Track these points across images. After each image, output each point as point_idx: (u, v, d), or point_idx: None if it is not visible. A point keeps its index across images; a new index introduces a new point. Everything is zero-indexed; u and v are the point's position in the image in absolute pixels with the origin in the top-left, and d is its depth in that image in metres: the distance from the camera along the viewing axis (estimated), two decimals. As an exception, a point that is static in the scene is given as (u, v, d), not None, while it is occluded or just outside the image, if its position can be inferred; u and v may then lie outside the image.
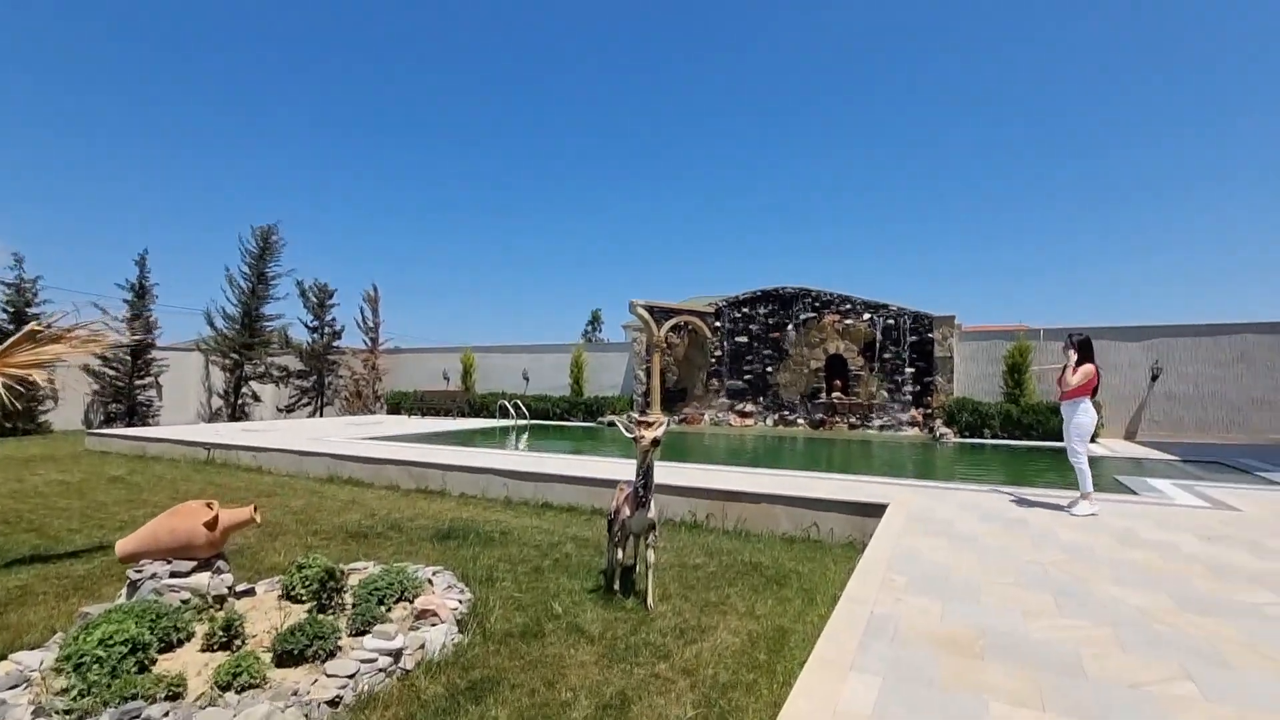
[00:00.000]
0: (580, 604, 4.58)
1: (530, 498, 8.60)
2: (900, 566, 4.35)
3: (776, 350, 18.05)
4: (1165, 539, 5.12)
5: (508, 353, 22.85)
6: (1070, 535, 5.25)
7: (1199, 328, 14.41)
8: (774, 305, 18.14)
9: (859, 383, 16.95)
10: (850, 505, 6.71)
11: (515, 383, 22.24)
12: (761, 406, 18.16)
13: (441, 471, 9.40)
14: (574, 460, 10.31)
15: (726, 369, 18.67)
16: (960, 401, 15.29)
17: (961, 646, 3.02)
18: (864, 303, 17.05)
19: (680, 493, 7.63)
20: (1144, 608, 3.54)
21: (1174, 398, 14.47)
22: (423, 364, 24.33)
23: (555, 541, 6.46)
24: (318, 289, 23.50)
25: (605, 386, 20.91)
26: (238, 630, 3.52)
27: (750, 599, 4.77)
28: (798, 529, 6.90)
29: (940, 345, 16.13)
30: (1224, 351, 14.07)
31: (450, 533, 6.67)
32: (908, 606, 3.57)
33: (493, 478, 8.97)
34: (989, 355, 16.17)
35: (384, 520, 7.24)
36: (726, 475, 8.31)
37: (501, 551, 6.04)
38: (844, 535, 6.65)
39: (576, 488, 8.33)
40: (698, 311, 18.67)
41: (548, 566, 5.56)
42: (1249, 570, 4.27)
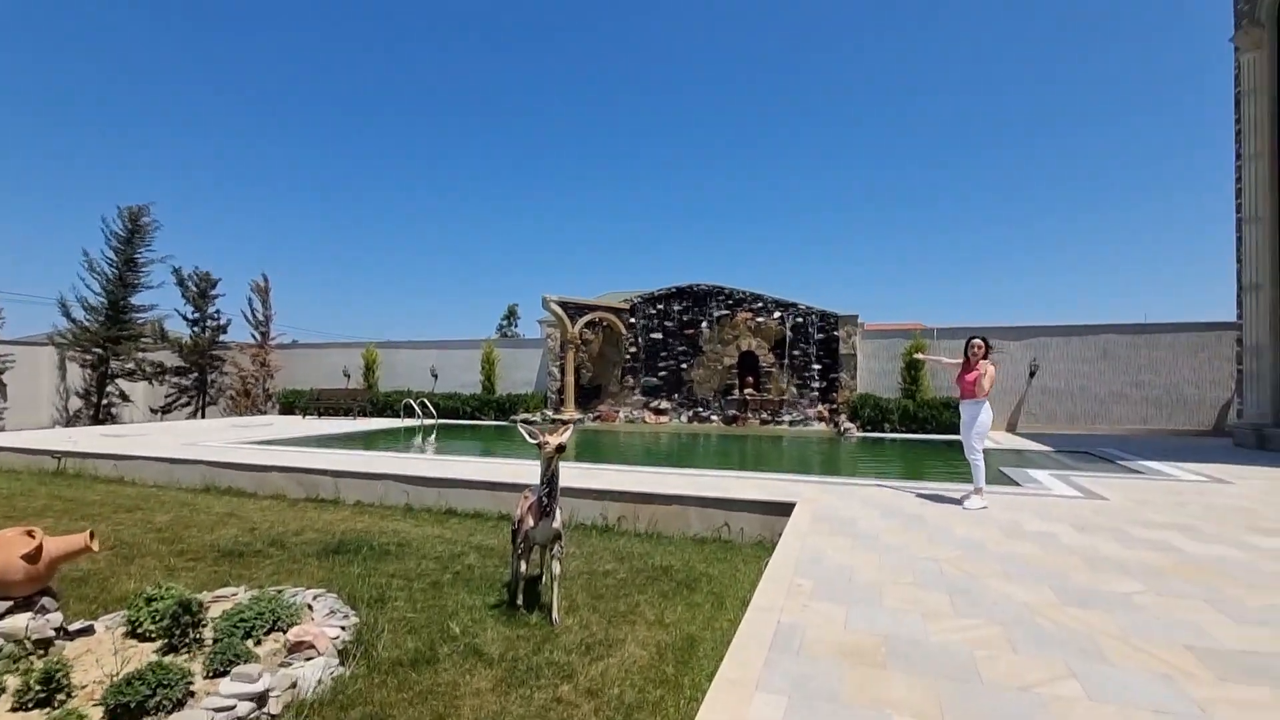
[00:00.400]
0: (480, 622, 4.29)
1: (433, 504, 8.14)
2: (806, 569, 4.35)
3: (691, 347, 18.20)
4: (1046, 530, 5.44)
5: (415, 348, 21.79)
6: (963, 530, 5.48)
7: (1069, 328, 15.77)
8: (688, 302, 18.27)
9: (770, 379, 17.38)
10: (760, 505, 6.76)
11: (423, 380, 21.25)
12: (676, 403, 18.26)
13: (334, 478, 8.74)
14: (482, 463, 9.87)
15: (642, 366, 18.64)
16: (863, 398, 16.00)
17: (865, 655, 3.00)
18: (775, 301, 17.48)
19: (591, 495, 7.44)
20: (1030, 603, 3.68)
21: (1048, 392, 15.77)
22: (321, 360, 22.79)
23: (457, 552, 6.10)
24: (198, 278, 21.47)
25: (519, 384, 20.37)
26: (60, 682, 2.99)
27: (660, 606, 4.64)
28: (709, 529, 6.88)
29: (845, 343, 16.79)
30: (1090, 350, 15.48)
31: (340, 547, 6.16)
32: (813, 614, 3.54)
33: (392, 484, 8.43)
34: (889, 353, 17.01)
35: (265, 535, 6.59)
36: (639, 476, 8.19)
37: (397, 566, 5.62)
38: (754, 534, 6.68)
39: (483, 492, 7.96)
40: (613, 308, 18.51)
41: (447, 581, 5.21)
42: (1117, 559, 4.58)
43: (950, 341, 16.57)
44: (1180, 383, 14.79)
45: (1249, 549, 4.87)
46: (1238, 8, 12.44)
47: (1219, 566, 4.40)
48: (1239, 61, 12.23)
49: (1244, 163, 11.99)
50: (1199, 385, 14.67)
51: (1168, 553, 4.75)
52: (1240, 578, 4.17)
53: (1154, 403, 14.94)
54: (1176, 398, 14.80)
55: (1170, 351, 14.87)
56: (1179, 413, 14.78)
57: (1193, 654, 3.01)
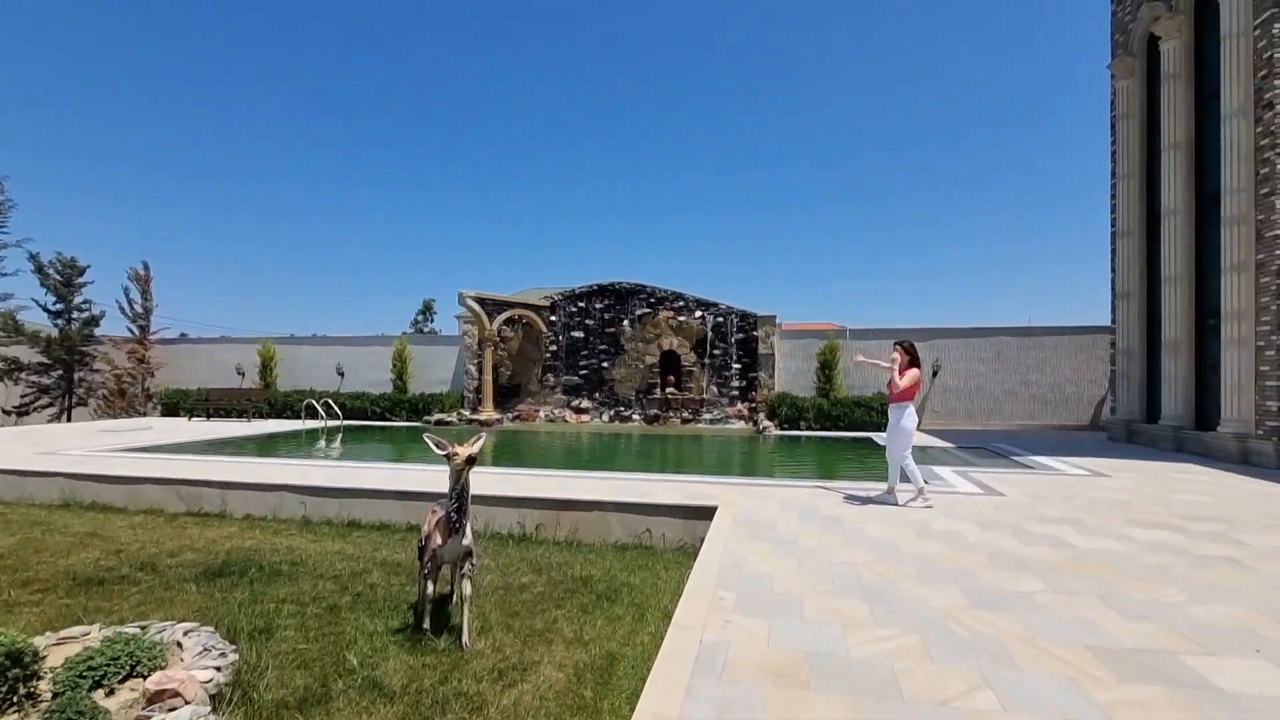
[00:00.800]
0: (382, 650, 3.93)
1: (334, 516, 7.55)
2: (728, 580, 4.26)
3: (613, 345, 18.03)
4: (953, 529, 5.64)
5: (318, 345, 20.44)
6: (876, 530, 5.59)
7: (967, 330, 16.80)
8: (610, 300, 18.09)
9: (691, 378, 17.49)
10: (681, 509, 6.67)
11: (327, 379, 19.97)
12: (597, 402, 18.05)
13: (221, 490, 7.96)
14: (390, 469, 9.28)
15: (562, 364, 18.30)
16: (780, 396, 16.39)
17: (788, 675, 2.92)
18: (696, 300, 17.60)
19: (508, 503, 7.12)
20: (943, 607, 3.74)
21: (949, 390, 16.74)
22: (211, 357, 20.95)
23: (359, 570, 5.65)
24: (61, 265, 19.16)
25: (433, 382, 19.51)
26: None
27: (579, 621, 4.44)
28: (631, 535, 6.73)
29: (764, 343, 17.14)
30: (986, 350, 16.55)
31: (224, 569, 5.56)
32: (736, 629, 3.44)
33: (287, 495, 7.76)
34: (805, 353, 17.52)
35: (133, 558, 5.86)
36: (559, 481, 7.93)
37: (289, 589, 5.12)
38: (676, 539, 6.59)
39: (391, 502, 7.46)
40: (532, 305, 18.05)
41: (347, 604, 4.78)
42: (1018, 556, 4.78)
43: (861, 342, 17.27)
44: (1062, 382, 16.08)
45: (1129, 541, 5.22)
46: (1114, 38, 13.59)
47: (1106, 560, 4.68)
48: (1114, 88, 13.37)
49: (1118, 181, 13.13)
50: (1078, 384, 16.00)
51: (1061, 548, 5.01)
52: (1124, 570, 4.43)
53: (1040, 400, 16.17)
54: (1059, 395, 16.09)
55: (1054, 353, 16.14)
56: (1061, 409, 16.06)
57: (1092, 654, 3.12)
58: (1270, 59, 9.28)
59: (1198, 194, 11.21)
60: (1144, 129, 12.71)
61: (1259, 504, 6.79)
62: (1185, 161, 11.26)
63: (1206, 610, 3.70)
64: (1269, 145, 9.35)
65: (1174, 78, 11.41)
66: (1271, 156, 9.30)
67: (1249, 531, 5.57)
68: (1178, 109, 11.33)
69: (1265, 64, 9.39)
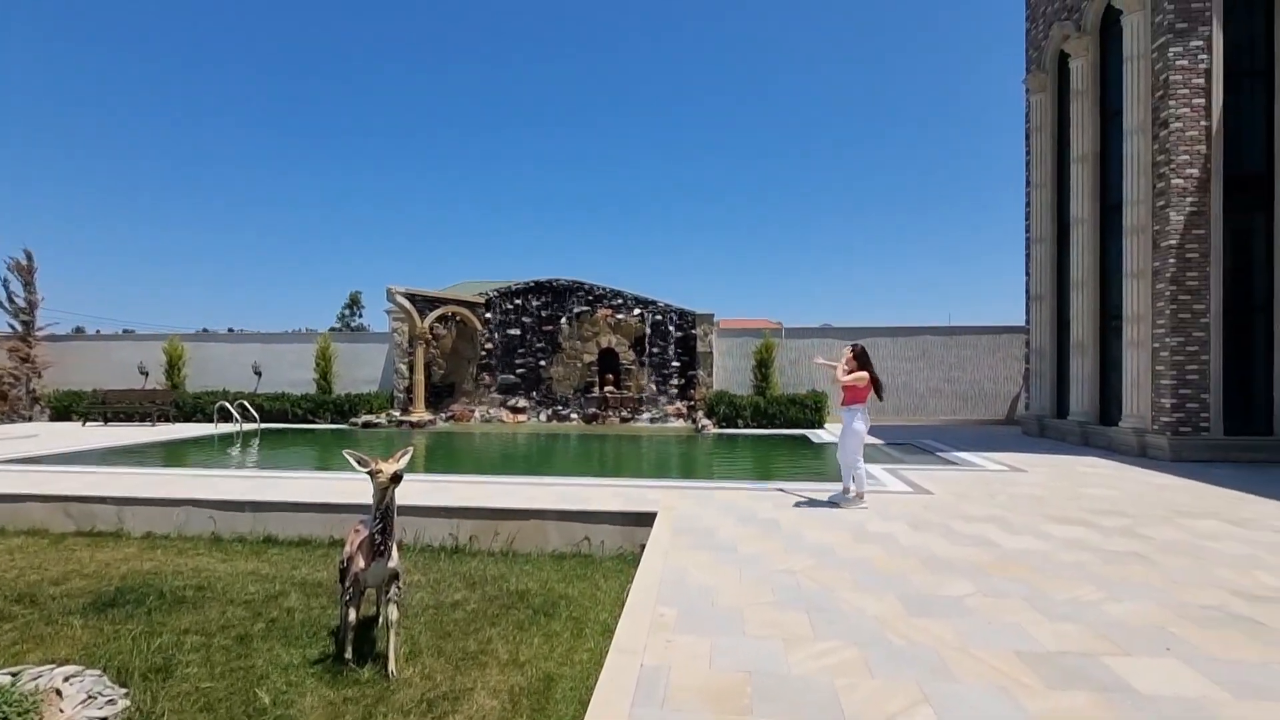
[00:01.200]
0: (299, 684, 3.63)
1: (247, 532, 7.03)
2: (669, 594, 4.17)
3: (550, 344, 17.72)
4: (887, 530, 5.76)
5: (233, 342, 19.15)
6: (814, 535, 5.64)
7: (894, 329, 17.44)
8: (547, 297, 17.76)
9: (630, 377, 17.41)
10: (621, 516, 6.56)
11: (244, 379, 18.75)
12: (535, 402, 17.71)
13: (117, 506, 7.27)
14: (312, 478, 8.74)
15: (499, 363, 17.85)
16: (719, 395, 16.53)
17: (730, 698, 2.84)
18: (635, 298, 17.51)
19: (441, 513, 6.81)
20: (881, 616, 3.77)
21: (877, 388, 17.32)
22: (109, 355, 19.29)
23: (275, 593, 5.25)
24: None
25: (361, 382, 18.64)
26: None
27: (515, 640, 4.25)
28: (569, 544, 6.56)
29: (702, 341, 17.25)
30: (912, 349, 17.23)
31: (117, 598, 5.06)
32: (677, 650, 3.34)
33: (194, 509, 7.17)
34: (742, 351, 17.75)
35: (8, 589, 5.25)
36: (493, 489, 7.66)
37: (194, 618, 4.69)
38: (615, 546, 6.47)
39: (312, 515, 7.00)
40: (467, 301, 17.50)
41: (259, 632, 4.42)
42: (947, 558, 4.91)
43: (797, 341, 17.66)
44: (982, 379, 16.94)
45: (1048, 539, 5.47)
46: (1029, 55, 14.35)
47: (1029, 560, 4.87)
48: (1029, 102, 14.13)
49: (1032, 190, 13.90)
50: (996, 381, 16.90)
51: (987, 548, 5.19)
52: (1046, 570, 4.62)
53: (961, 396, 16.99)
54: (979, 392, 16.95)
55: (974, 351, 16.98)
56: (981, 405, 16.93)
57: (1021, 660, 3.20)
58: (1166, 80, 10.00)
59: (1102, 204, 12.00)
60: (1055, 141, 13.49)
61: (1157, 496, 7.29)
62: (1092, 173, 12.02)
63: (1121, 609, 3.88)
64: (1164, 161, 10.08)
65: (1082, 94, 12.14)
66: (1166, 171, 10.03)
67: (1151, 525, 5.94)
68: (1085, 124, 12.08)
69: (1162, 85, 10.11)
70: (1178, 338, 9.91)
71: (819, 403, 15.92)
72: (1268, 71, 10.07)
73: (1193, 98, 9.87)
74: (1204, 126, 9.88)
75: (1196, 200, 9.89)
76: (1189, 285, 9.93)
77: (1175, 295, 9.95)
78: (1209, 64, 9.83)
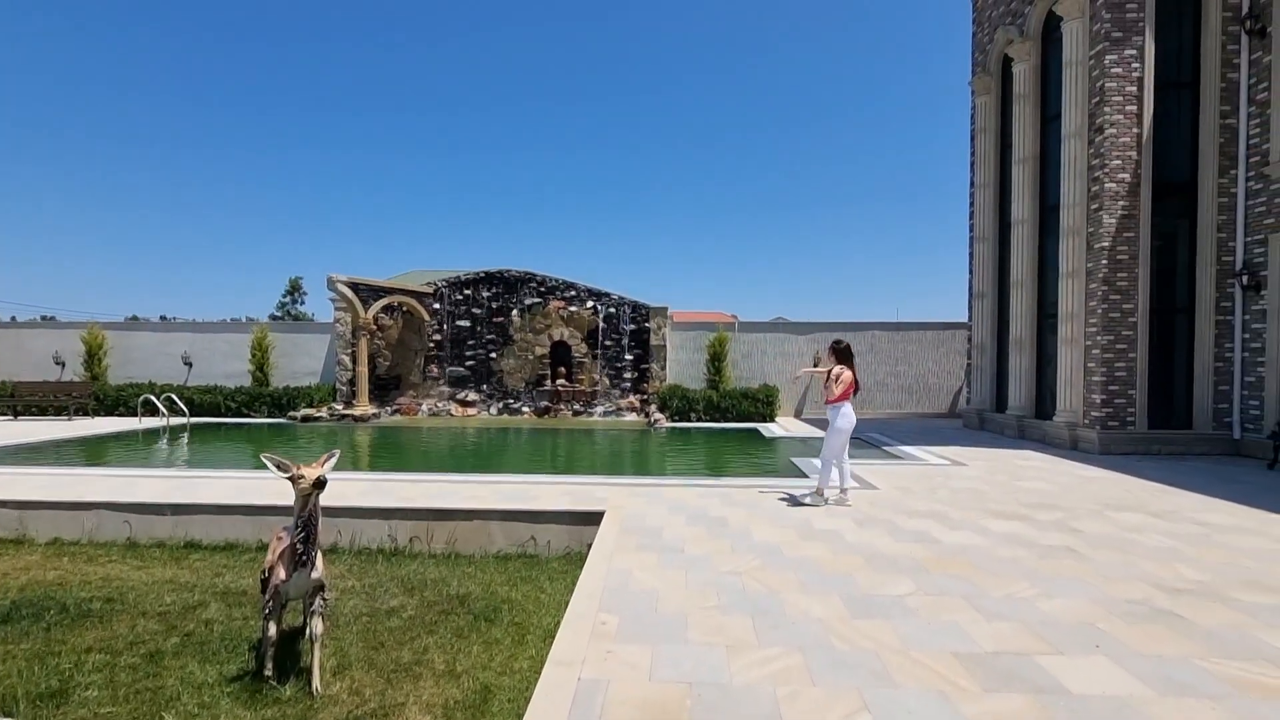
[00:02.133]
0: (213, 705, 3.38)
1: (167, 537, 6.61)
2: (611, 600, 4.05)
3: (501, 335, 17.35)
4: (832, 527, 5.78)
5: (160, 331, 18.08)
6: (761, 533, 5.61)
7: (845, 325, 17.73)
8: (498, 288, 17.36)
9: (583, 370, 17.20)
10: (568, 515, 6.41)
11: (173, 370, 17.74)
12: (485, 395, 17.33)
13: (18, 510, 6.72)
14: (237, 478, 8.27)
15: (448, 354, 17.37)
16: (672, 388, 16.50)
17: (669, 712, 2.74)
18: (588, 290, 17.29)
19: (378, 514, 6.53)
20: (824, 619, 3.74)
21: (827, 382, 17.61)
22: (21, 344, 17.95)
23: (194, 603, 4.92)
24: None
25: (301, 374, 17.87)
26: None
27: (453, 649, 4.08)
28: (514, 544, 6.38)
29: (655, 334, 17.17)
30: (860, 344, 17.54)
31: (12, 613, 4.66)
32: (617, 662, 3.23)
33: (106, 513, 6.68)
34: (695, 344, 17.75)
35: (-120, 607, 4.75)
36: (435, 487, 7.39)
37: (99, 634, 4.35)
38: (561, 546, 6.33)
39: (237, 519, 6.61)
40: (413, 291, 16.95)
41: (172, 648, 4.11)
42: (890, 556, 4.95)
43: (749, 335, 17.76)
44: (925, 373, 17.42)
45: (986, 534, 5.58)
46: (974, 57, 14.70)
47: (968, 556, 4.95)
48: (974, 103, 14.49)
49: (976, 190, 14.28)
50: (939, 375, 17.40)
51: (929, 545, 5.25)
52: (984, 566, 4.70)
53: (906, 390, 17.43)
54: (923, 386, 17.42)
55: (919, 346, 17.43)
56: (925, 399, 17.41)
57: (959, 661, 3.20)
58: (1102, 87, 10.36)
59: (1042, 205, 12.41)
60: (999, 143, 13.88)
61: (1087, 490, 7.57)
62: (1032, 175, 12.42)
63: (1052, 605, 3.96)
64: (1099, 165, 10.47)
65: (1024, 98, 12.51)
66: (1100, 175, 10.41)
67: (1082, 519, 6.15)
68: (1026, 126, 12.45)
69: (1098, 91, 10.48)
70: (1108, 336, 10.34)
71: (770, 396, 16.07)
72: (1194, 83, 10.55)
73: (1126, 104, 10.26)
74: (1135, 133, 10.29)
75: (1127, 204, 10.31)
76: (1119, 285, 10.36)
77: (1106, 295, 10.37)
78: (1141, 73, 10.23)
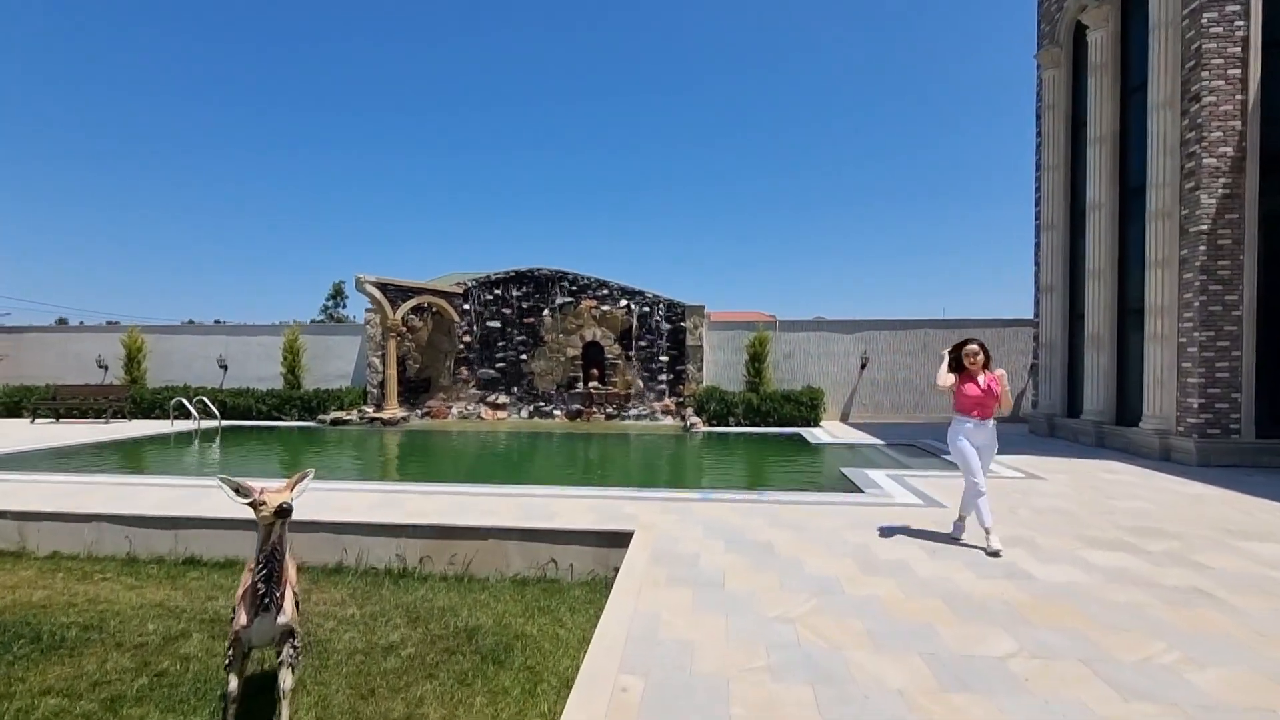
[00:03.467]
0: (156, 776, 2.76)
1: (167, 552, 6.16)
2: (636, 656, 3.31)
3: (531, 336, 16.81)
4: (899, 557, 4.92)
5: (198, 334, 18.14)
6: (816, 564, 4.79)
7: (894, 322, 16.60)
8: (529, 287, 16.82)
9: (616, 372, 16.52)
10: (593, 535, 5.70)
11: (209, 373, 17.77)
12: (516, 397, 16.81)
13: (17, 522, 6.36)
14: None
15: (478, 356, 16.91)
16: (709, 391, 15.66)
17: None
18: (621, 288, 16.61)
19: (386, 531, 5.94)
20: (905, 690, 2.92)
21: (876, 383, 16.52)
22: (67, 348, 18.26)
23: (176, 633, 4.41)
24: None
25: (333, 376, 17.68)
26: None
27: (453, 700, 3.45)
28: (533, 567, 5.71)
29: (692, 334, 16.37)
30: (912, 343, 16.40)
31: (-22, 643, 4.17)
32: (639, 755, 2.48)
33: (107, 526, 6.27)
34: (734, 344, 16.88)
35: None
36: (451, 500, 6.77)
37: (65, 671, 3.85)
38: (586, 570, 5.64)
39: (238, 534, 6.11)
40: (443, 291, 16.55)
41: (137, 692, 3.59)
42: (977, 598, 4.07)
43: (793, 334, 16.80)
44: (985, 374, 16.11)
45: (1089, 569, 4.65)
46: (1040, 28, 13.46)
47: (1073, 599, 4.04)
48: (1041, 78, 13.25)
49: (1044, 173, 13.04)
50: (999, 376, 16.07)
51: (1021, 582, 4.35)
52: (1098, 615, 3.78)
53: (963, 392, 16.16)
54: (982, 388, 16.12)
55: (977, 345, 16.14)
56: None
57: (1102, 768, 2.36)
58: (1198, 50, 9.13)
59: (1122, 187, 11.15)
60: (1069, 121, 12.62)
61: (1198, 511, 6.48)
62: (1111, 154, 11.16)
63: (1207, 678, 3.05)
64: (1195, 139, 9.24)
65: (1101, 68, 11.27)
66: (1197, 150, 9.18)
67: (1204, 550, 5.12)
68: (1104, 100, 11.21)
69: (1193, 55, 9.25)
70: (1207, 332, 9.10)
71: (815, 399, 15.08)
72: (1307, 42, 9.22)
73: (1228, 68, 9.01)
74: (1239, 100, 9.03)
75: (1230, 181, 9.06)
76: (1220, 275, 9.11)
77: (1205, 285, 9.13)
78: (1246, 31, 8.97)
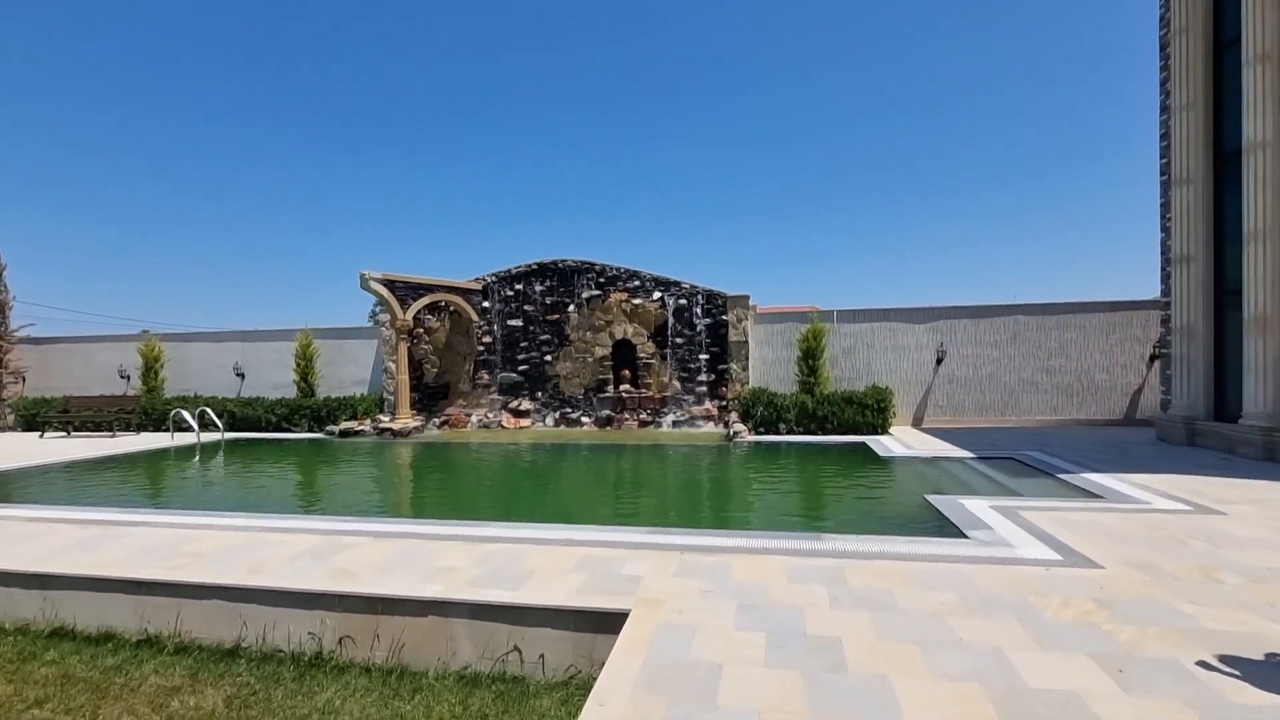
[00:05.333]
0: None
1: (33, 618, 4.72)
2: None
3: (557, 335, 15.17)
4: (1054, 669, 2.90)
5: (213, 341, 17.32)
6: (916, 690, 2.83)
7: (975, 309, 14.15)
8: (553, 281, 15.19)
9: (650, 373, 14.69)
10: (571, 616, 3.91)
11: (225, 381, 16.92)
12: (540, 403, 15.21)
13: None
14: (167, 524, 6.28)
15: (499, 358, 15.41)
16: (755, 393, 13.61)
17: None
18: (654, 279, 14.77)
19: (294, 601, 4.32)
20: None
21: (955, 381, 14.11)
22: (90, 357, 17.77)
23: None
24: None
25: (349, 383, 16.53)
26: None
27: None
28: (486, 657, 3.97)
29: (735, 329, 14.37)
30: (999, 333, 13.92)
31: None
32: None
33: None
34: (784, 339, 14.78)
35: None
36: (400, 549, 5.05)
37: None
38: (560, 663, 3.86)
39: (117, 596, 4.60)
40: (458, 287, 15.11)
41: None
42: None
43: (853, 326, 14.58)
44: (1091, 368, 13.48)
45: None
46: (1161, -62, 10.86)
47: None
48: None
49: (1172, 115, 10.44)
50: (1110, 370, 13.42)
51: (1329, 764, 2.29)
52: None
53: (1065, 391, 13.57)
54: (1088, 385, 13.49)
55: (1081, 334, 13.53)
56: (1090, 401, 13.48)
57: None
58: None
59: (1292, 121, 8.55)
60: (1209, 45, 10.01)
61: None
62: (1276, 77, 8.58)
63: None
64: None
65: (1256, -30, 8.69)
66: None
67: None
68: (1264, 6, 8.62)
69: None
70: None
71: (882, 402, 12.83)
72: None
73: None
74: None
75: None
76: None
77: None
78: None
